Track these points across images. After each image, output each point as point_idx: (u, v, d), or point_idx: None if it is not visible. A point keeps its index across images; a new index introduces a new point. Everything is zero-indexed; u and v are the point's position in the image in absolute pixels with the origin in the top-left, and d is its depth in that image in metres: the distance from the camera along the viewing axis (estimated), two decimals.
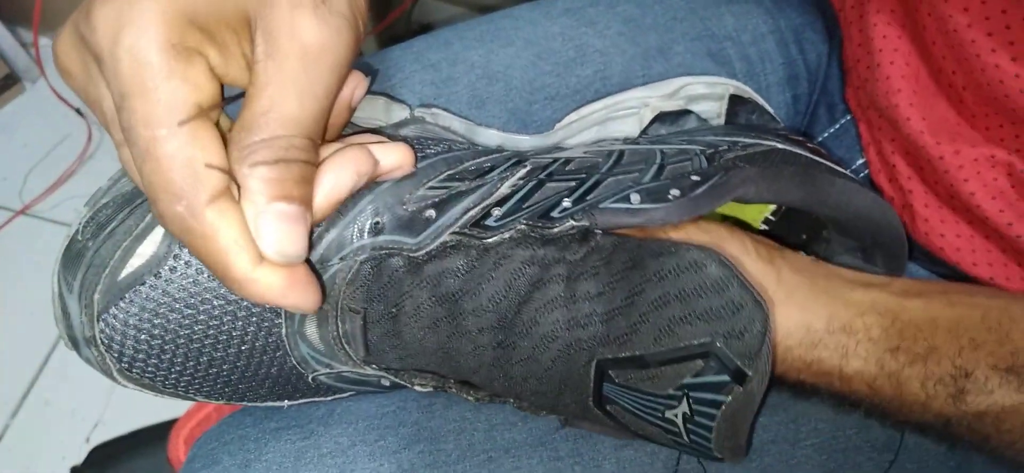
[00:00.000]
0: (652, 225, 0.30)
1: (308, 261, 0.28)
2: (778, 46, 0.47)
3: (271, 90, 0.25)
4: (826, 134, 0.47)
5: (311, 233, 0.28)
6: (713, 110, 0.40)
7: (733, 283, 0.28)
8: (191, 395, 0.32)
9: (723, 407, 0.28)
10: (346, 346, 0.31)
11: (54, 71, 1.14)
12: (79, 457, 0.83)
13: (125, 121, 0.24)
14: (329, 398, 0.35)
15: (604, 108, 0.41)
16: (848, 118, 0.46)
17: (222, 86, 0.27)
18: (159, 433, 0.85)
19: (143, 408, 0.88)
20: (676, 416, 0.29)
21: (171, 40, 0.24)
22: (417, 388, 0.33)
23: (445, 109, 0.40)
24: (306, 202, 0.27)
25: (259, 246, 0.25)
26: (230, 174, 0.25)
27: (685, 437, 0.29)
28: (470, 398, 0.34)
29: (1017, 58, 0.31)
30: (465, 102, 0.43)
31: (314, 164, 0.27)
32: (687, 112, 0.40)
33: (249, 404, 0.34)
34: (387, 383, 0.34)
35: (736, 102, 0.41)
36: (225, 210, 0.25)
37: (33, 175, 1.16)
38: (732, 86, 0.41)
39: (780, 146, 0.35)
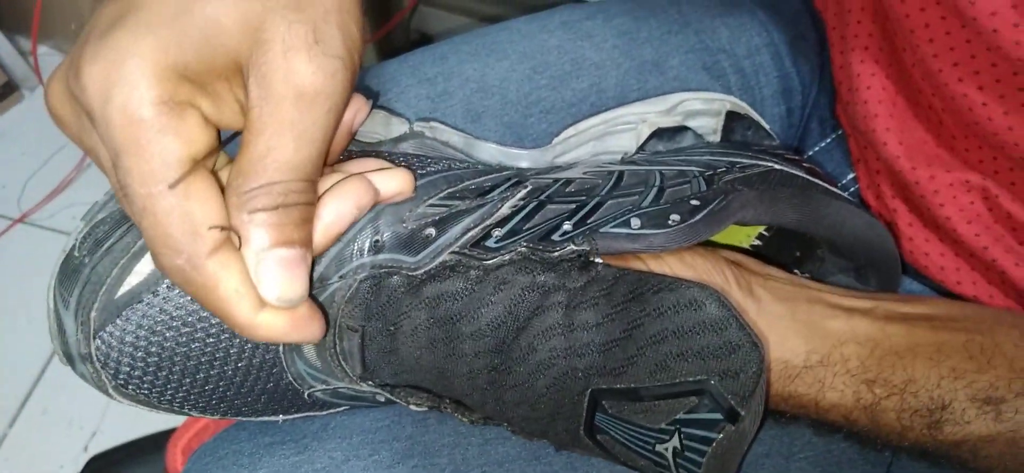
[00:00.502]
0: (652, 250, 0.30)
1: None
2: (773, 59, 0.47)
3: (267, 135, 0.25)
4: (817, 148, 0.47)
5: (312, 267, 0.29)
6: (710, 126, 0.41)
7: (731, 324, 0.28)
8: (186, 410, 0.32)
9: (714, 444, 0.28)
10: (343, 363, 0.31)
11: None
12: (77, 466, 0.83)
13: (121, 178, 0.24)
14: (324, 413, 0.35)
15: (602, 122, 0.41)
16: (839, 133, 0.46)
17: (218, 131, 0.26)
18: (157, 443, 0.85)
19: (142, 418, 0.87)
20: (666, 450, 0.29)
21: (162, 97, 0.23)
22: (413, 408, 0.33)
23: (443, 122, 0.40)
24: (306, 244, 0.27)
25: (260, 292, 0.26)
26: (229, 227, 0.25)
27: (674, 472, 0.29)
28: (464, 419, 0.34)
29: (984, 87, 0.31)
30: (460, 116, 0.43)
31: (313, 204, 0.27)
32: (684, 128, 0.40)
33: (244, 419, 0.34)
34: (382, 399, 0.34)
35: (733, 118, 0.41)
36: (226, 261, 0.25)
37: (31, 183, 1.16)
38: (729, 102, 0.41)
39: (777, 167, 0.36)
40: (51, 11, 1.09)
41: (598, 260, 0.30)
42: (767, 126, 0.42)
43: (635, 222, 0.30)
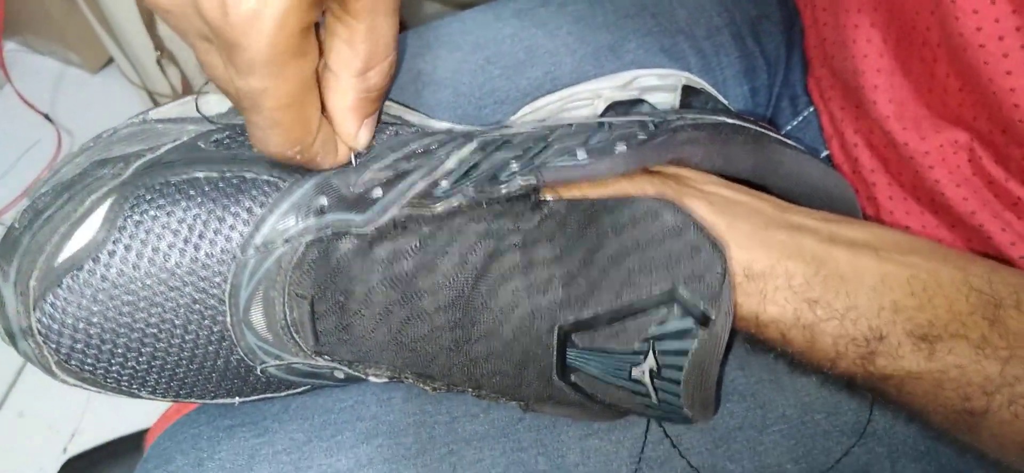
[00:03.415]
0: (599, 177, 0.30)
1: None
2: (733, 39, 0.46)
3: (365, 25, 0.29)
4: (789, 127, 0.47)
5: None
6: (667, 101, 0.40)
7: (689, 227, 0.28)
8: (136, 390, 0.31)
9: (690, 354, 0.27)
10: (295, 336, 0.31)
11: (22, 76, 1.13)
12: (57, 469, 0.82)
13: (250, 93, 0.27)
14: (283, 393, 0.34)
15: (559, 99, 0.41)
16: (811, 110, 0.46)
17: None
18: (135, 443, 0.84)
19: (121, 417, 0.87)
20: (643, 374, 0.28)
21: (306, 22, 0.26)
22: (372, 379, 0.32)
23: (397, 101, 0.39)
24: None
25: (352, 144, 0.32)
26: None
27: (654, 396, 0.29)
28: (427, 388, 0.33)
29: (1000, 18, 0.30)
30: None
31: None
32: (640, 101, 0.40)
33: (199, 401, 0.33)
34: (341, 375, 0.33)
35: (689, 93, 0.41)
36: (325, 137, 0.30)
37: (1, 183, 1.15)
38: (684, 77, 0.41)
39: (729, 120, 0.35)
40: (18, 7, 1.08)
41: (549, 198, 0.30)
42: (725, 101, 0.41)
43: (581, 154, 0.30)
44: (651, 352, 0.28)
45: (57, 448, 0.91)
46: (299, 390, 0.35)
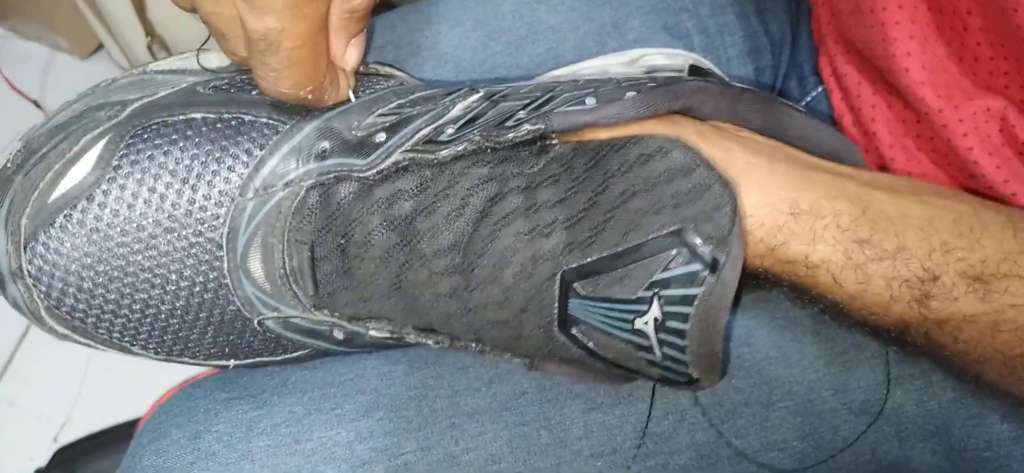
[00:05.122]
0: (608, 122, 0.29)
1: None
2: (738, 18, 0.46)
3: None
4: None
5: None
6: None
7: (699, 166, 0.27)
8: (127, 343, 0.30)
9: (696, 302, 0.26)
10: (294, 286, 0.30)
11: (10, 62, 1.11)
12: (48, 459, 0.81)
13: (266, 34, 0.27)
14: (279, 357, 0.33)
15: (563, 75, 0.40)
16: (819, 90, 0.45)
17: None
18: (127, 432, 0.83)
19: (112, 404, 0.86)
20: (646, 324, 0.27)
21: None
22: (372, 333, 0.32)
23: (400, 69, 0.39)
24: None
25: (343, 64, 0.32)
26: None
27: (657, 351, 0.28)
28: (429, 343, 0.32)
29: None
30: None
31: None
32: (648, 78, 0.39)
33: (192, 362, 0.32)
34: (340, 335, 0.32)
35: (696, 73, 0.40)
36: (334, 76, 0.31)
37: None
38: (691, 58, 0.40)
39: (737, 85, 0.35)
40: None
41: (554, 141, 0.29)
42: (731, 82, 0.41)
43: (590, 100, 0.29)
44: (655, 299, 0.27)
45: (47, 437, 0.90)
46: (297, 354, 0.34)
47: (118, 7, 0.82)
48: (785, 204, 0.29)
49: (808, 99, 0.46)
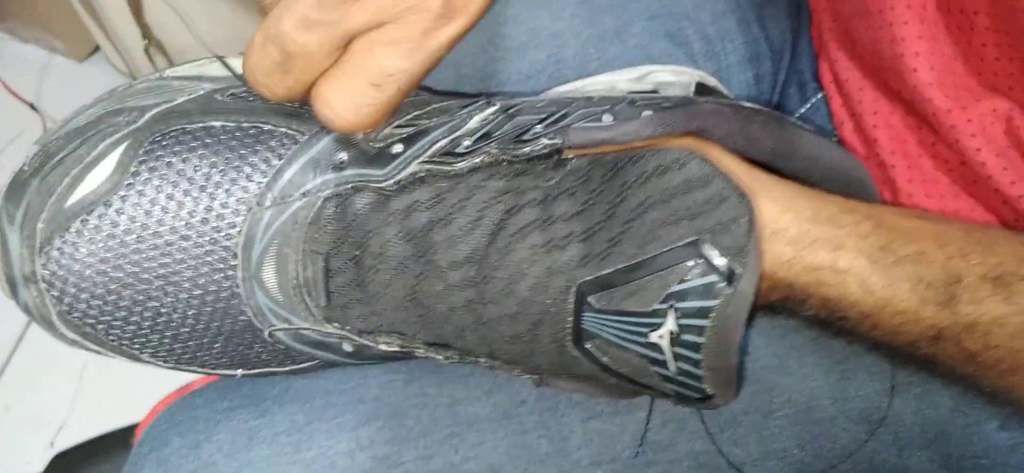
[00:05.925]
0: (624, 140, 0.29)
1: None
2: (739, 25, 0.46)
3: None
4: (797, 114, 0.47)
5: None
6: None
7: (716, 177, 0.27)
8: (136, 351, 0.30)
9: (712, 314, 0.26)
10: (306, 297, 0.30)
11: (7, 65, 1.11)
12: (44, 463, 0.81)
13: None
14: (286, 368, 0.33)
15: (571, 91, 0.40)
16: (819, 96, 0.45)
17: None
18: (124, 438, 0.83)
19: (111, 411, 0.86)
20: (661, 338, 0.27)
21: None
22: (382, 347, 0.32)
23: None
24: None
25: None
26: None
27: (672, 365, 0.28)
28: (440, 358, 0.32)
29: None
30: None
31: None
32: (656, 93, 0.40)
33: (201, 371, 0.32)
34: (349, 348, 0.32)
35: (702, 90, 0.40)
36: None
37: None
38: (698, 75, 0.41)
39: (746, 104, 0.35)
40: None
41: (571, 156, 0.29)
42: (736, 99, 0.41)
43: (607, 118, 0.29)
44: (671, 312, 0.27)
45: (44, 442, 0.90)
46: (304, 366, 0.34)
47: (115, 10, 0.82)
48: (806, 212, 0.29)
49: (808, 105, 0.46)
